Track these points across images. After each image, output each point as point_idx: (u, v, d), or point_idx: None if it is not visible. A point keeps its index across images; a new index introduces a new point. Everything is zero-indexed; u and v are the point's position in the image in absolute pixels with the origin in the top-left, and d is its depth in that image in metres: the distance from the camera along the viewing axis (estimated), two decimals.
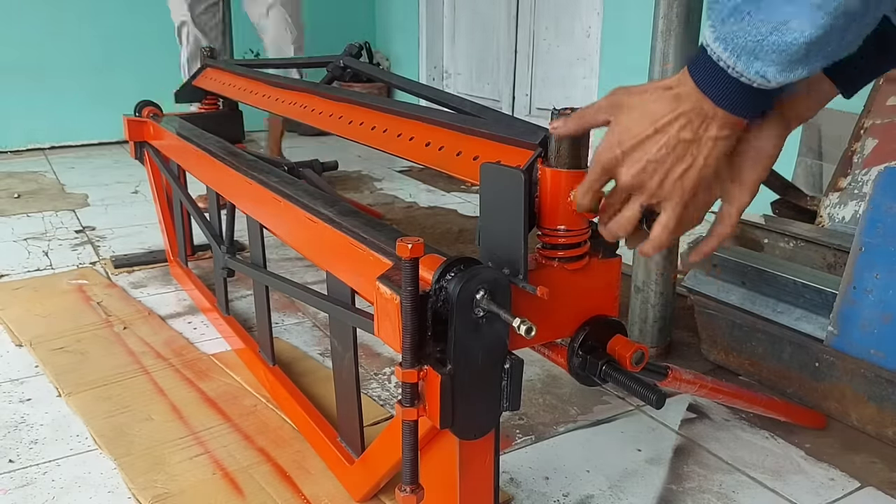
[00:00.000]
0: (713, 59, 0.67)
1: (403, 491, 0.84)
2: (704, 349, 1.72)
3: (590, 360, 0.92)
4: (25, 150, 4.13)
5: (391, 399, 1.54)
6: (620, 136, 0.76)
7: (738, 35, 0.64)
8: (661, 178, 0.75)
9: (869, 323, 1.42)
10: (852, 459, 1.36)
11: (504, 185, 0.84)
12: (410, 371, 0.81)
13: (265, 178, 1.36)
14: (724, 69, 0.67)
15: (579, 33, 3.54)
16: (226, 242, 1.67)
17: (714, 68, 0.68)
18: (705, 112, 0.70)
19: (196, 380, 1.60)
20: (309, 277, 2.25)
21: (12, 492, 1.23)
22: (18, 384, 1.59)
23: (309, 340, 1.83)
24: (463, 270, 0.79)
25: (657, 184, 0.75)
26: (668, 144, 0.73)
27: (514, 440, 1.40)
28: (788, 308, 1.60)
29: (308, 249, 1.25)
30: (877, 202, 1.43)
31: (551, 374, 1.64)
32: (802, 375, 1.51)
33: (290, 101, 1.70)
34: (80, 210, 2.97)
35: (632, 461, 1.34)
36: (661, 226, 0.79)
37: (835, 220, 1.81)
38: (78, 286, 2.13)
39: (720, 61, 0.67)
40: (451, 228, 2.78)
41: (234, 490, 1.23)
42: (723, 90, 0.68)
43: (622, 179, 0.78)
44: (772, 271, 1.60)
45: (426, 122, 1.18)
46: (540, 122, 0.91)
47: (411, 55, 4.79)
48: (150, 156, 2.20)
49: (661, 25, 1.50)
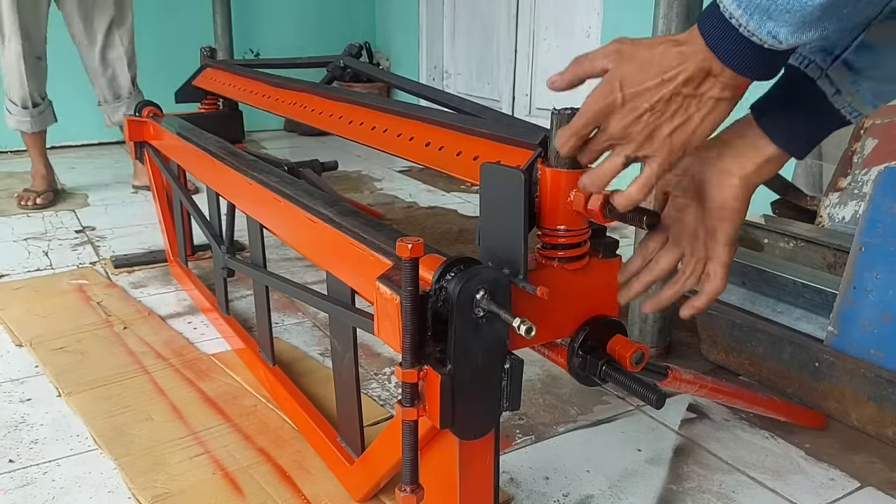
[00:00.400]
0: (725, 17, 0.67)
1: (403, 491, 0.84)
2: (704, 349, 1.72)
3: (590, 360, 0.92)
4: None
5: (391, 399, 1.54)
6: (623, 81, 0.74)
7: None
8: (652, 129, 0.74)
9: (869, 323, 1.42)
10: (852, 459, 1.36)
11: (504, 185, 0.84)
12: (410, 371, 0.81)
13: (265, 178, 1.36)
14: (736, 27, 0.66)
15: (579, 33, 3.54)
16: (226, 242, 1.67)
17: (725, 26, 0.67)
18: (711, 70, 0.70)
19: (196, 380, 1.60)
20: (309, 277, 2.25)
21: (12, 492, 1.23)
22: (18, 384, 1.59)
23: (309, 340, 1.83)
24: (463, 270, 0.79)
25: (646, 136, 0.74)
26: (668, 96, 0.72)
27: (514, 440, 1.40)
28: (788, 308, 1.60)
29: (308, 249, 1.25)
30: (877, 202, 1.43)
31: (551, 374, 1.64)
32: (802, 375, 1.51)
33: (290, 101, 1.70)
34: (80, 210, 2.97)
35: (632, 461, 1.34)
36: (641, 182, 0.78)
37: (835, 220, 1.82)
38: (78, 286, 2.13)
39: (732, 19, 0.66)
40: (451, 228, 2.78)
41: (234, 490, 1.23)
42: (732, 49, 0.68)
43: (612, 127, 0.76)
44: (772, 271, 1.61)
45: (426, 122, 1.18)
46: (540, 123, 0.91)
47: (411, 55, 4.79)
48: (150, 156, 2.20)
49: (661, 25, 1.50)
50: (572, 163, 0.85)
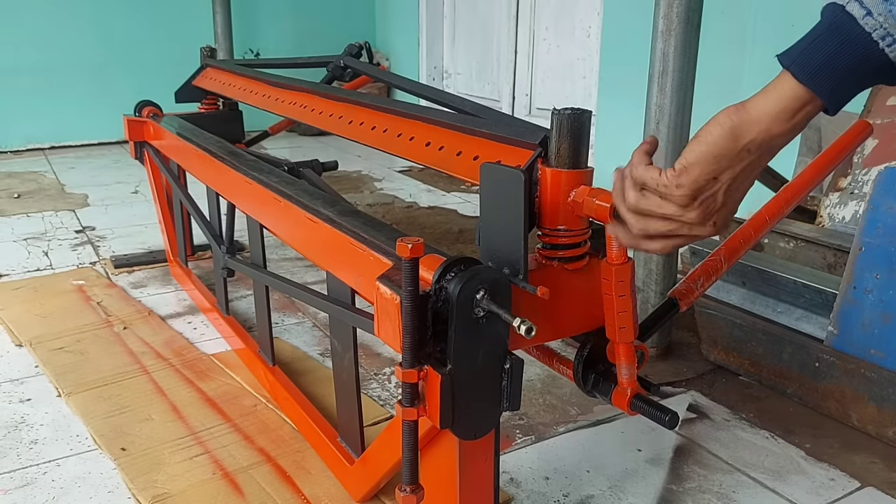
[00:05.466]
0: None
1: (403, 491, 0.84)
2: (704, 349, 1.72)
3: (602, 383, 0.93)
4: (25, 150, 4.13)
5: (391, 399, 1.54)
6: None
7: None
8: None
9: (869, 323, 1.42)
10: (852, 459, 1.36)
11: (504, 185, 0.84)
12: (410, 371, 0.81)
13: (265, 178, 1.36)
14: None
15: (579, 33, 3.54)
16: (226, 242, 1.67)
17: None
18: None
19: (196, 380, 1.60)
20: (309, 277, 2.25)
21: (12, 492, 1.23)
22: (18, 384, 1.59)
23: (309, 340, 1.83)
24: (463, 270, 0.79)
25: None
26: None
27: (514, 440, 1.40)
28: (788, 308, 1.60)
29: (308, 249, 1.25)
30: (877, 202, 1.43)
31: (551, 374, 1.64)
32: (802, 375, 1.51)
33: (290, 101, 1.70)
34: (80, 210, 2.97)
35: (632, 461, 1.34)
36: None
37: (835, 220, 1.82)
38: (78, 286, 2.13)
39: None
40: (451, 228, 2.78)
41: (234, 490, 1.23)
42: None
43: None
44: (772, 271, 1.60)
45: (426, 122, 1.18)
46: (540, 122, 0.91)
47: (411, 55, 4.79)
48: (150, 156, 2.20)
49: (661, 25, 1.50)
50: (572, 163, 0.85)
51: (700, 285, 1.01)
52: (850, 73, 0.70)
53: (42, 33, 4.09)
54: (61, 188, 3.32)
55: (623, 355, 0.89)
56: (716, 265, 1.02)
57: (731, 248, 1.03)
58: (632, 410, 0.89)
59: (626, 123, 2.92)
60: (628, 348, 0.88)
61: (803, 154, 2.15)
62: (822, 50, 0.70)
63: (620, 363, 0.89)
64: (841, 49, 0.69)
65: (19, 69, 4.06)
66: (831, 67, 0.69)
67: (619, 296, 0.86)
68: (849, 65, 0.69)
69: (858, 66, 0.69)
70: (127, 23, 4.29)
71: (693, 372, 1.67)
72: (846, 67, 0.69)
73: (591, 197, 0.84)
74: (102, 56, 4.27)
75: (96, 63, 4.26)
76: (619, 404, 0.90)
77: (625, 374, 0.89)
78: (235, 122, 2.34)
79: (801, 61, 0.70)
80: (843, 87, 0.70)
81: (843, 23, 0.68)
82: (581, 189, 0.85)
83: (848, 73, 0.70)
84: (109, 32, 4.26)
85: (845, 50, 0.69)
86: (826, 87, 0.70)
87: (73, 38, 4.17)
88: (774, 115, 0.72)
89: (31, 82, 4.11)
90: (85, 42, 4.21)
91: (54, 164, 3.68)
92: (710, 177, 0.73)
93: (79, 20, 4.17)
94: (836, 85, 0.70)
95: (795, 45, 0.72)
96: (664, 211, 0.76)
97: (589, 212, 0.84)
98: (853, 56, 0.69)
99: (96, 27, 4.22)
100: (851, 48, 0.68)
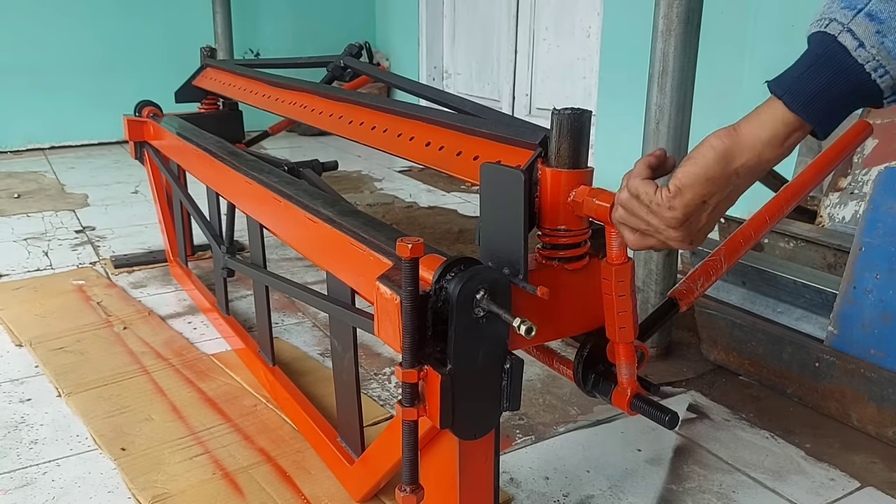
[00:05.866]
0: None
1: (403, 491, 0.84)
2: (704, 349, 1.72)
3: (602, 383, 0.92)
4: (25, 150, 4.13)
5: (391, 399, 1.54)
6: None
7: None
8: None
9: (869, 323, 1.42)
10: (852, 459, 1.36)
11: (504, 185, 0.84)
12: (410, 371, 0.81)
13: (265, 178, 1.36)
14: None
15: (579, 33, 3.54)
16: (226, 242, 1.67)
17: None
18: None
19: (196, 380, 1.60)
20: (309, 277, 2.25)
21: (12, 492, 1.23)
22: (18, 384, 1.59)
23: (309, 340, 1.83)
24: (463, 270, 0.79)
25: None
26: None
27: (514, 440, 1.40)
28: (788, 308, 1.60)
29: (308, 249, 1.25)
30: (877, 202, 1.43)
31: (551, 374, 1.64)
32: (802, 375, 1.51)
33: (290, 101, 1.70)
34: (80, 210, 2.97)
35: (632, 461, 1.34)
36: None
37: (835, 220, 1.82)
38: (78, 286, 2.13)
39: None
40: (451, 228, 2.78)
41: (234, 490, 1.23)
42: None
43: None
44: (772, 271, 1.60)
45: (426, 122, 1.18)
46: (540, 122, 0.91)
47: (411, 55, 4.79)
48: (150, 156, 2.20)
49: (661, 25, 1.50)
50: (572, 163, 0.85)
51: (700, 285, 1.01)
52: (841, 103, 0.71)
53: (42, 33, 4.09)
54: (61, 188, 3.32)
55: (623, 355, 0.89)
56: (716, 265, 1.02)
57: (731, 248, 1.03)
58: (632, 410, 0.89)
59: (626, 123, 2.92)
60: (628, 348, 0.88)
61: (803, 154, 2.15)
62: (815, 80, 0.71)
63: (620, 363, 0.89)
64: (833, 79, 0.70)
65: (19, 69, 4.06)
66: (823, 98, 0.71)
67: (620, 296, 0.86)
68: (840, 95, 0.70)
69: (850, 95, 0.70)
70: (127, 23, 4.29)
71: (693, 372, 1.67)
72: (838, 97, 0.70)
73: (591, 197, 0.84)
74: (103, 56, 4.27)
75: (96, 63, 4.26)
76: (619, 404, 0.90)
77: (625, 374, 0.89)
78: (235, 122, 2.34)
79: (794, 91, 0.71)
80: (834, 115, 0.72)
81: (835, 53, 0.69)
82: (581, 189, 0.85)
83: (839, 102, 0.71)
84: (110, 32, 4.26)
85: (838, 80, 0.70)
86: (818, 116, 0.71)
87: (72, 38, 4.17)
88: (766, 141, 0.73)
89: (32, 82, 4.11)
90: (85, 42, 4.21)
91: (54, 164, 3.68)
92: (701, 200, 0.75)
93: (79, 20, 4.17)
94: (827, 114, 0.71)
95: (786, 74, 0.73)
96: (650, 220, 0.78)
97: (589, 212, 0.84)
98: (845, 87, 0.70)
99: (96, 27, 4.22)
100: (844, 79, 0.70)
